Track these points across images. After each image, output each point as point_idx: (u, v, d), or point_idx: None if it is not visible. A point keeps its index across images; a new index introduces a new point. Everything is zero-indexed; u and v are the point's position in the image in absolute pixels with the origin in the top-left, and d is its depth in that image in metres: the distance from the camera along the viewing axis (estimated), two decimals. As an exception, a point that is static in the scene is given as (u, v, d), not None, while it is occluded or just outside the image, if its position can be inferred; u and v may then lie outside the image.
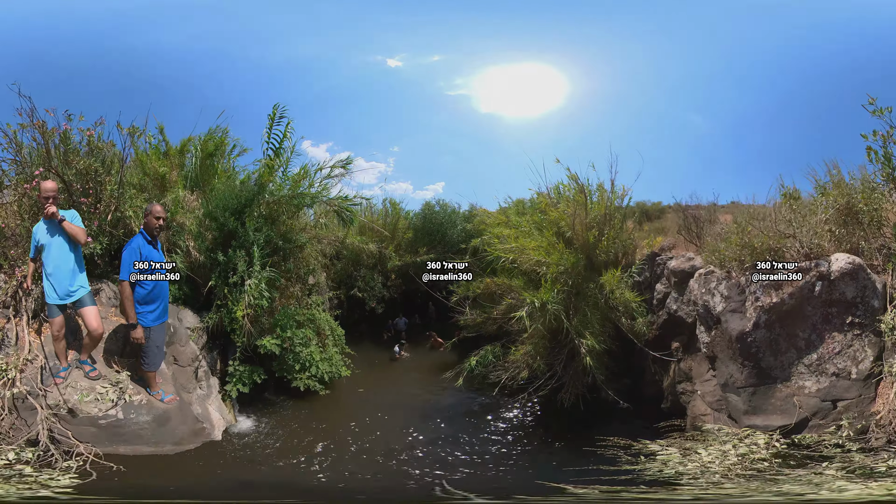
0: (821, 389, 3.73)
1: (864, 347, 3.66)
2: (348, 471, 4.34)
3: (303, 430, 5.29)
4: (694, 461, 3.63)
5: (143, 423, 4.25)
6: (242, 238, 5.91)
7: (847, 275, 3.49)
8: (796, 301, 3.62)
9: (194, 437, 4.69)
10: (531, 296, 4.90)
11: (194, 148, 6.82)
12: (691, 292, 4.47)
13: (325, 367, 6.52)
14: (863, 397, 3.68)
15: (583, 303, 5.39)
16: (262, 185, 6.28)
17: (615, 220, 5.82)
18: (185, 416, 4.72)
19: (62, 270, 3.79)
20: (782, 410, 3.80)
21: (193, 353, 5.52)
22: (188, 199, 6.42)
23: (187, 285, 5.97)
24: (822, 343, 3.67)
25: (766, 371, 3.82)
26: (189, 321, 5.79)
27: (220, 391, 5.76)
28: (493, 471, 4.35)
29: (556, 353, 5.89)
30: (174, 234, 6.06)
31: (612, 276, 5.26)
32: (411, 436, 5.18)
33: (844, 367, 3.68)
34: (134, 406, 4.27)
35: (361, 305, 9.29)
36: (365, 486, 4.09)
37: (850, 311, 3.64)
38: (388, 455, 4.64)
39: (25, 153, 4.48)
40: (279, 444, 4.91)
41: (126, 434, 4.19)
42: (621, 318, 5.52)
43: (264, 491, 3.86)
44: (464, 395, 6.60)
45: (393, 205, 9.67)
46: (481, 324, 7.21)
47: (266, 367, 6.17)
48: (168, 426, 4.51)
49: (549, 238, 5.63)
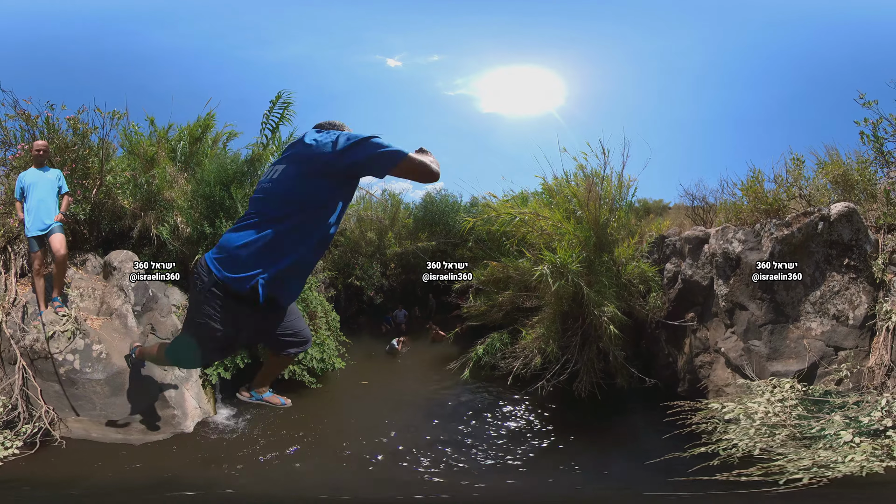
0: (824, 333, 4.29)
1: (860, 293, 4.30)
2: (331, 478, 3.95)
3: (285, 428, 4.99)
4: (752, 413, 3.87)
5: (96, 384, 4.39)
6: (230, 208, 6.03)
7: (844, 216, 4.21)
8: (803, 235, 4.35)
9: (164, 425, 4.61)
10: (552, 256, 5.18)
11: (180, 131, 7.10)
12: (709, 248, 5.02)
13: (315, 352, 6.30)
14: (859, 349, 4.23)
15: (598, 275, 5.74)
16: (254, 162, 6.49)
17: (624, 206, 6.42)
18: (147, 390, 4.64)
19: (45, 203, 4.56)
20: (796, 353, 4.30)
21: (174, 327, 5.48)
22: (176, 177, 6.59)
23: (176, 264, 6.06)
24: (824, 281, 4.25)
25: (780, 307, 4.42)
26: (175, 298, 5.83)
27: (201, 376, 5.61)
28: (522, 479, 3.90)
29: (569, 336, 6.09)
30: (163, 209, 6.22)
31: (627, 247, 5.74)
32: (410, 437, 4.78)
33: (843, 311, 4.27)
34: (91, 357, 4.45)
35: (360, 296, 9.38)
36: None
37: (846, 253, 4.31)
38: (378, 461, 4.30)
39: (11, 136, 5.39)
40: (258, 443, 4.63)
41: (80, 398, 4.34)
42: (634, 295, 5.91)
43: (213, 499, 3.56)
44: (471, 388, 6.45)
45: (392, 196, 10.12)
46: (486, 312, 7.35)
47: (252, 352, 5.96)
48: (121, 397, 4.46)
49: (560, 215, 6.08)
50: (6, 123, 5.35)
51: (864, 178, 4.71)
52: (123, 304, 5.11)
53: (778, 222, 4.42)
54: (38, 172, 4.65)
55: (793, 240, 4.34)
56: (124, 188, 6.09)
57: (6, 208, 5.15)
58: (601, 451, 4.47)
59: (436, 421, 5.26)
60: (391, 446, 4.53)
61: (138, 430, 4.47)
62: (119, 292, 5.18)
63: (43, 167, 4.70)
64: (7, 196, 5.18)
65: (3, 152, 5.48)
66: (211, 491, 3.58)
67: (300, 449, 4.48)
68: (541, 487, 3.85)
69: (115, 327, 4.87)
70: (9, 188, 5.16)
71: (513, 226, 6.73)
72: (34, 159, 4.69)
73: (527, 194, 7.82)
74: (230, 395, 5.65)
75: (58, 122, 5.52)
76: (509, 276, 7.33)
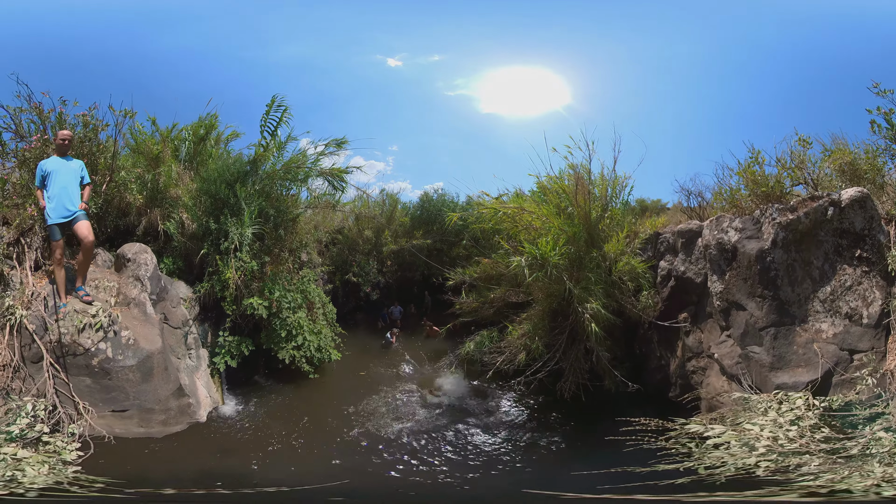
0: (837, 335, 3.79)
1: (873, 288, 3.80)
2: (330, 467, 4.05)
3: (287, 418, 5.18)
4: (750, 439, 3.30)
5: (128, 370, 4.38)
6: (234, 205, 6.20)
7: (856, 202, 3.76)
8: (811, 222, 3.87)
9: (180, 415, 4.73)
10: (532, 248, 4.86)
11: (185, 131, 7.23)
12: (702, 240, 4.60)
13: (313, 340, 6.48)
14: (875, 350, 3.70)
15: (585, 272, 5.37)
16: (255, 162, 6.64)
17: (619, 203, 6.05)
18: (169, 376, 4.69)
19: (67, 191, 4.50)
20: (806, 361, 3.80)
21: (184, 316, 5.65)
22: (182, 175, 6.77)
23: (181, 259, 6.27)
24: (834, 274, 3.78)
25: (784, 306, 3.92)
26: (182, 292, 5.96)
27: (210, 365, 5.85)
28: (501, 473, 3.99)
29: (556, 334, 5.72)
30: (169, 206, 6.38)
31: (617, 242, 5.35)
32: (398, 430, 4.91)
33: (856, 308, 3.78)
34: (122, 345, 4.44)
35: (357, 293, 9.49)
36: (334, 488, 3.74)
37: (858, 244, 3.83)
38: (366, 451, 4.39)
39: (24, 130, 5.39)
40: (266, 433, 4.80)
41: (113, 388, 4.31)
42: (625, 293, 5.50)
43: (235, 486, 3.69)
44: (461, 383, 6.44)
45: (390, 196, 10.18)
46: (478, 308, 7.09)
47: (255, 340, 6.26)
48: (151, 383, 4.49)
49: (549, 210, 5.76)
50: (20, 116, 5.35)
51: (873, 168, 4.22)
52: (141, 292, 5.07)
53: (781, 207, 3.93)
54: (60, 161, 4.57)
55: (799, 226, 3.84)
56: (132, 185, 6.15)
57: (20, 199, 5.01)
58: (560, 455, 4.32)
59: (429, 415, 5.34)
60: (374, 443, 4.60)
61: (157, 423, 4.54)
62: (135, 282, 5.15)
63: (66, 156, 4.63)
64: (16, 188, 5.07)
65: (15, 144, 5.42)
66: (240, 483, 3.69)
67: (304, 441, 4.61)
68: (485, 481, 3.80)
69: (134, 315, 4.85)
70: (20, 180, 5.04)
71: (495, 221, 6.49)
72: (58, 148, 4.62)
73: (521, 193, 7.58)
74: (235, 384, 6.01)
75: (69, 118, 5.49)
76: (500, 274, 7.08)
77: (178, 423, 4.66)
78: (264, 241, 6.64)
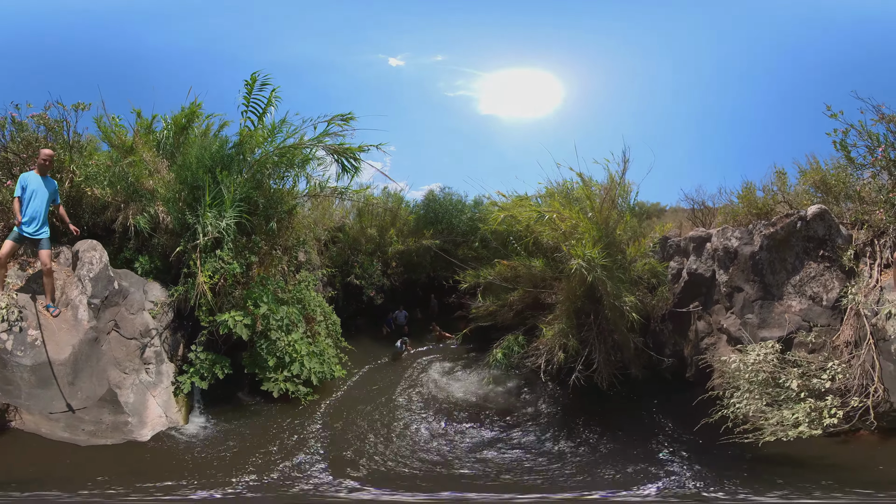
0: (802, 310, 6.28)
1: (833, 279, 6.33)
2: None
3: (258, 446, 5.21)
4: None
5: (22, 369, 4.81)
6: (216, 195, 6.31)
7: (818, 216, 6.26)
8: (786, 232, 6.39)
9: (113, 430, 4.99)
10: (582, 251, 6.77)
11: (165, 121, 7.83)
12: (711, 245, 7.01)
13: (314, 365, 6.59)
14: (830, 326, 6.22)
15: (613, 271, 7.50)
16: (241, 146, 6.93)
17: (626, 209, 8.30)
18: (93, 392, 4.97)
19: (41, 214, 5.46)
20: (779, 324, 6.31)
21: (145, 326, 5.89)
22: (158, 166, 7.16)
23: (159, 258, 6.65)
24: (802, 268, 6.29)
25: (768, 287, 6.47)
26: (155, 294, 6.22)
27: (173, 383, 5.94)
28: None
29: (585, 330, 7.77)
30: (145, 200, 6.79)
31: (638, 245, 7.56)
32: (428, 459, 5.46)
33: (818, 293, 6.28)
34: (25, 343, 4.90)
35: (359, 296, 10.06)
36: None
37: (821, 246, 6.35)
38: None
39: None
40: (207, 460, 4.83)
41: (10, 381, 4.79)
42: (643, 290, 7.73)
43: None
44: (499, 393, 7.82)
45: (393, 194, 11.15)
46: (495, 312, 8.77)
47: (237, 360, 6.35)
48: (49, 390, 4.81)
49: (575, 214, 7.80)
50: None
51: (839, 182, 6.80)
52: (79, 294, 5.40)
53: (766, 223, 6.47)
54: (39, 180, 5.44)
55: (777, 236, 6.37)
56: (100, 178, 6.67)
57: None
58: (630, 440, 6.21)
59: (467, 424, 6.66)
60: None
61: (85, 433, 4.90)
62: (77, 282, 5.47)
63: (45, 176, 5.50)
64: None
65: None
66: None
67: (253, 477, 4.64)
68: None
69: (65, 318, 5.27)
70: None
71: (521, 224, 8.37)
72: (39, 167, 5.46)
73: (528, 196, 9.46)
74: (215, 401, 6.10)
75: (18, 119, 6.34)
76: (518, 276, 8.90)
77: (108, 438, 5.01)
78: (252, 236, 6.67)
